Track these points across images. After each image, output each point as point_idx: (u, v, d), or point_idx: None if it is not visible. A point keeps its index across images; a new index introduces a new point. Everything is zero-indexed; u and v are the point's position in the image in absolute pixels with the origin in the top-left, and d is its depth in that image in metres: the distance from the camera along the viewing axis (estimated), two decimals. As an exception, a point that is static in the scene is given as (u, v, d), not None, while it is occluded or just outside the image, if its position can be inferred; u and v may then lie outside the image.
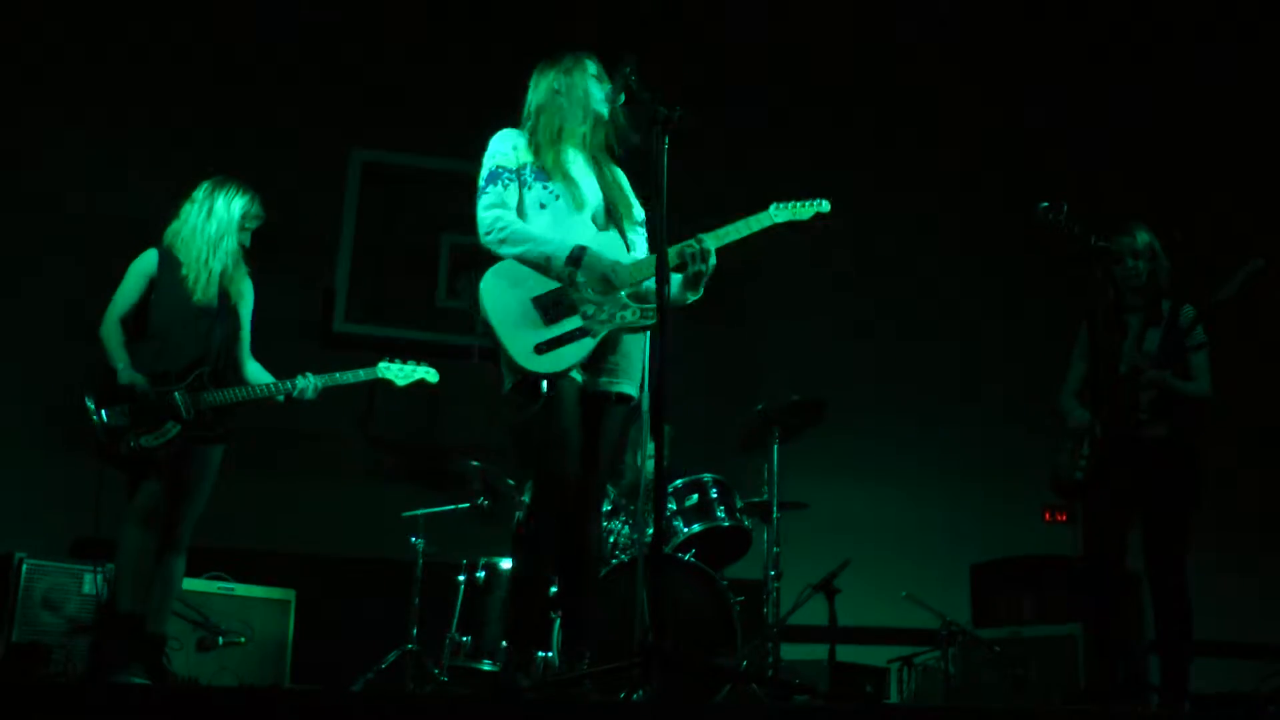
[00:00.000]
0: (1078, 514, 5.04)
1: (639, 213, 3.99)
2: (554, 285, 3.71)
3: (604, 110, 3.92)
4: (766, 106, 7.72)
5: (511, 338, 3.66)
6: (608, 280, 3.69)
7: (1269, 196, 7.72)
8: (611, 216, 3.89)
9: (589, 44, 4.03)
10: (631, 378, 3.83)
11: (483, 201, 3.80)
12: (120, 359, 4.51)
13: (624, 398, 3.82)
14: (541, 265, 3.71)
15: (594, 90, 3.92)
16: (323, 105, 7.18)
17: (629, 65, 3.69)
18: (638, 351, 3.83)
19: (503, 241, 3.73)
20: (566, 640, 3.78)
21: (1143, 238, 4.83)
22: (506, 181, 3.81)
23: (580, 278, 3.69)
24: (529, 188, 3.82)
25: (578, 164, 3.91)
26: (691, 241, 3.67)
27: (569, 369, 3.66)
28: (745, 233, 3.79)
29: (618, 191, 3.94)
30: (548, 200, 3.81)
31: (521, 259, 3.72)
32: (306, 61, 7.21)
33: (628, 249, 3.87)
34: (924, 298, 7.77)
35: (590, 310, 3.70)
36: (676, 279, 3.79)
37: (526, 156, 3.86)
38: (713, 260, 3.69)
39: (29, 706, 2.63)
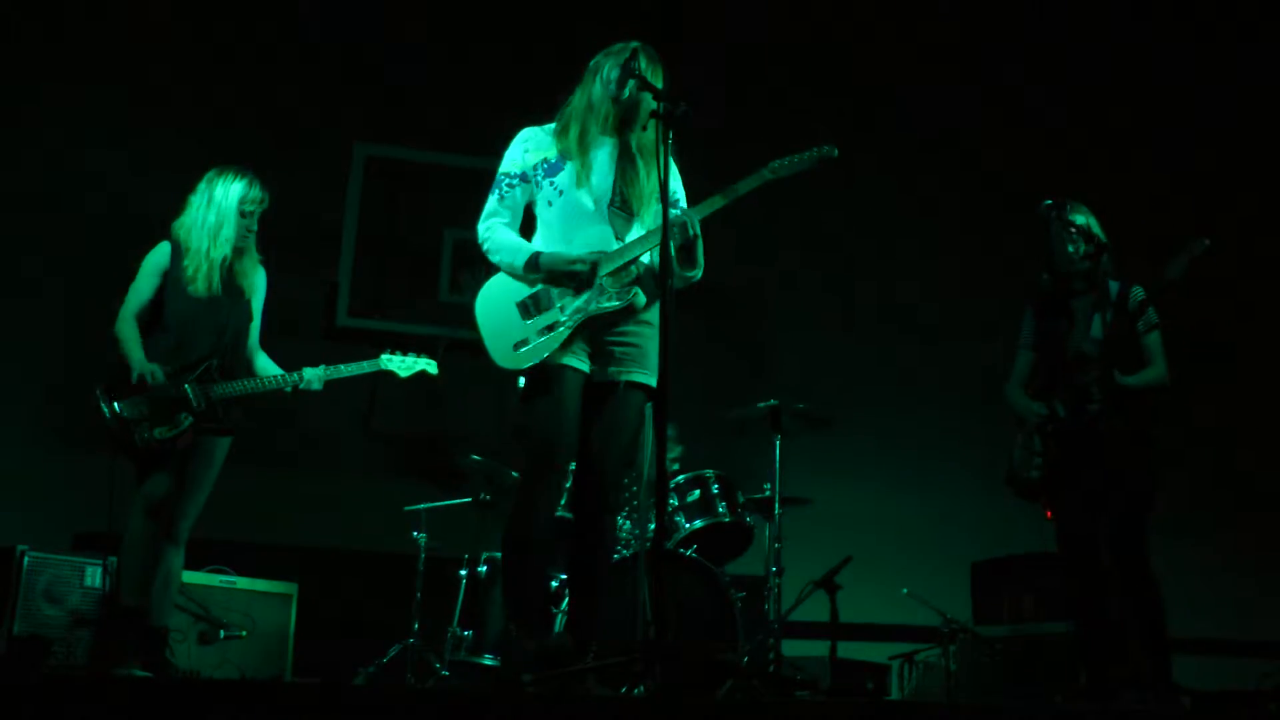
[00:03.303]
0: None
1: (655, 210, 3.85)
2: (537, 288, 3.78)
3: (609, 97, 3.84)
4: (767, 106, 7.70)
5: (493, 341, 3.76)
6: (573, 277, 3.71)
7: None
8: (617, 208, 3.84)
9: (644, 37, 3.93)
10: (645, 366, 3.79)
11: (483, 211, 3.89)
12: (135, 352, 4.51)
13: (636, 385, 3.78)
14: (514, 273, 3.79)
15: (615, 75, 3.83)
16: (327, 100, 7.17)
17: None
18: (651, 341, 3.80)
19: (488, 251, 3.84)
20: (571, 635, 3.77)
21: (1079, 220, 4.67)
22: (505, 190, 3.87)
23: (543, 280, 3.75)
24: (539, 187, 3.84)
25: (599, 147, 3.86)
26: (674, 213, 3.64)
27: (544, 359, 3.69)
28: (731, 199, 3.80)
29: (633, 186, 3.85)
30: (553, 198, 3.81)
31: (500, 266, 3.82)
32: (311, 57, 7.21)
33: (620, 241, 3.82)
34: (927, 295, 7.76)
35: (565, 303, 3.74)
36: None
37: (538, 155, 3.85)
38: (694, 229, 3.69)
39: (30, 700, 2.63)
